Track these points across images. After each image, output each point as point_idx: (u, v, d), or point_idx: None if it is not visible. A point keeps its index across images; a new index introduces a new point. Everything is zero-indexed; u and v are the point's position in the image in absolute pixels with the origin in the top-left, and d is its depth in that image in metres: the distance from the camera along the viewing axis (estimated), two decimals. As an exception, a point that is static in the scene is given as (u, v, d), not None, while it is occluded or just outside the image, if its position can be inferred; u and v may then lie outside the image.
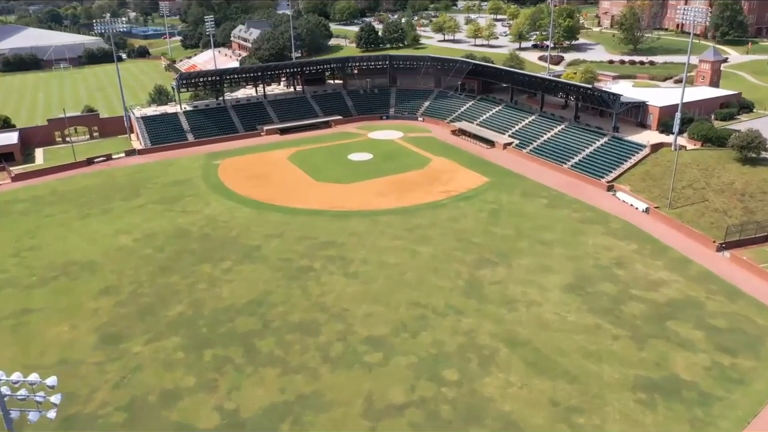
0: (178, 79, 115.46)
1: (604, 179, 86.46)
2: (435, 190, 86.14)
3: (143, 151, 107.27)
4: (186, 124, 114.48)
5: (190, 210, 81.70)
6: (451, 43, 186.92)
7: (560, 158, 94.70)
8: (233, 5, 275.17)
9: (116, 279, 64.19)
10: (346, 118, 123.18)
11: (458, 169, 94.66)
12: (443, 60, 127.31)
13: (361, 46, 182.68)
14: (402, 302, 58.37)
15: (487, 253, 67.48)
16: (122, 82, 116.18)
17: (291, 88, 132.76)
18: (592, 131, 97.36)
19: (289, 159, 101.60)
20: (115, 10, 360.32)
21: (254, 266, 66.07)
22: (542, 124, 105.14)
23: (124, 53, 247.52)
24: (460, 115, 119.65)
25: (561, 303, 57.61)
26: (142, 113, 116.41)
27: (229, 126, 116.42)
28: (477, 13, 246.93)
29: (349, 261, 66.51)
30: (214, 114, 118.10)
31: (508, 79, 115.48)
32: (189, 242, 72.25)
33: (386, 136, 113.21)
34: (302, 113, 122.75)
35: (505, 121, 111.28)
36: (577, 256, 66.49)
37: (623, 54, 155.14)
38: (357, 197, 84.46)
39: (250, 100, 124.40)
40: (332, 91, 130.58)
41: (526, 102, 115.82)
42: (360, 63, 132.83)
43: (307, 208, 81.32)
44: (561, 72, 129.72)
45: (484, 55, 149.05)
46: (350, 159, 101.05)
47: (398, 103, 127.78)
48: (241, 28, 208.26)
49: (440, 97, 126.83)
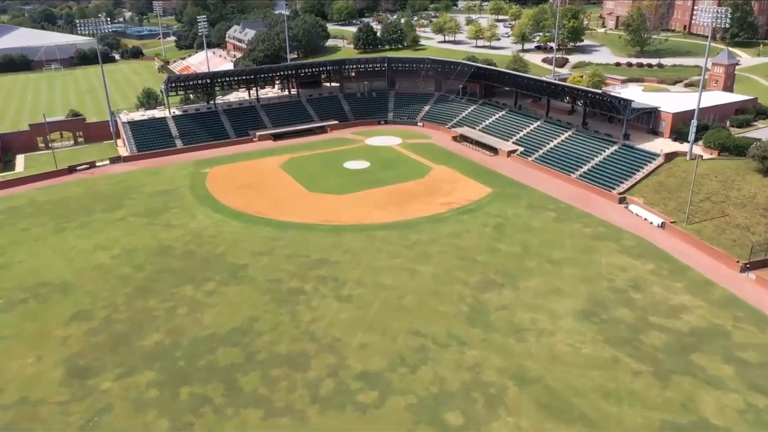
0: (166, 83, 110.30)
1: (615, 191, 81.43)
2: (435, 202, 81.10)
3: (129, 158, 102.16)
4: (175, 130, 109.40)
5: (175, 224, 76.61)
6: (451, 44, 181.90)
7: (568, 167, 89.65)
8: (229, 5, 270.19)
9: (90, 302, 59.13)
10: (343, 123, 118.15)
11: (460, 178, 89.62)
12: (444, 62, 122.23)
13: (359, 48, 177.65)
14: (400, 330, 53.35)
15: (492, 274, 62.45)
16: (114, 84, 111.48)
17: (285, 91, 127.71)
18: (601, 139, 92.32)
19: (282, 167, 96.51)
20: (110, 10, 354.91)
21: (240, 288, 61.02)
22: (548, 131, 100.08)
23: (118, 54, 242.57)
24: (461, 120, 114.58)
25: (574, 332, 52.59)
26: (128, 118, 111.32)
27: (219, 131, 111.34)
28: (478, 14, 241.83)
29: (342, 282, 61.45)
30: (204, 119, 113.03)
31: (512, 82, 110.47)
32: (171, 260, 67.17)
33: (384, 143, 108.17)
34: (297, 118, 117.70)
35: (508, 127, 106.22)
36: (590, 277, 61.47)
37: (630, 56, 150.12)
38: (352, 209, 79.41)
39: (242, 104, 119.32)
40: (328, 94, 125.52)
41: (530, 107, 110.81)
42: (357, 65, 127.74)
43: (300, 221, 76.24)
44: (567, 75, 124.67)
45: (486, 57, 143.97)
46: (346, 167, 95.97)
47: (397, 108, 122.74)
48: (236, 28, 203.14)
49: (440, 101, 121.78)
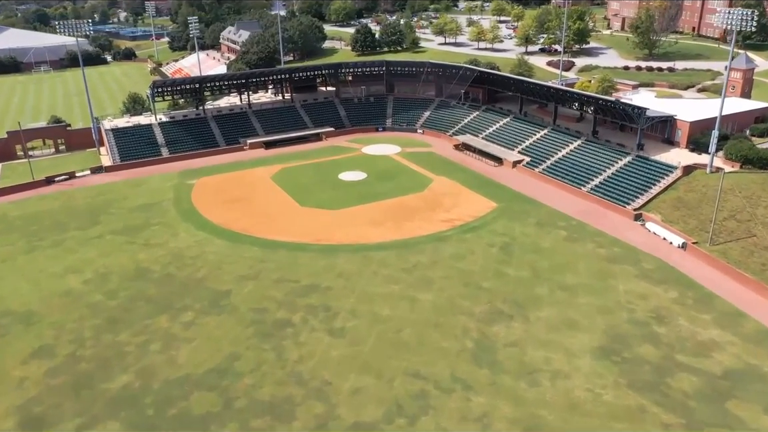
0: (152, 88, 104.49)
1: (630, 206, 75.63)
2: (437, 218, 75.32)
3: (111, 168, 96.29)
4: (161, 137, 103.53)
5: (155, 242, 70.78)
6: (452, 46, 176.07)
7: (578, 180, 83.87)
8: (225, 5, 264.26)
9: (54, 335, 53.36)
10: (339, 130, 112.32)
11: (462, 191, 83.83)
12: (445, 66, 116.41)
13: (357, 50, 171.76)
14: (398, 372, 47.61)
15: (499, 302, 56.69)
16: (104, 87, 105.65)
17: (279, 96, 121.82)
18: (613, 149, 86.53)
19: (273, 178, 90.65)
20: (105, 10, 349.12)
21: (221, 319, 55.23)
22: (556, 140, 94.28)
23: (110, 55, 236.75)
24: (463, 127, 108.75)
25: (593, 374, 46.83)
26: (112, 125, 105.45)
27: (208, 139, 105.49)
28: (479, 15, 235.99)
29: (334, 312, 55.67)
30: (192, 126, 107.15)
31: (517, 88, 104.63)
32: (148, 285, 61.36)
33: (382, 151, 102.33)
34: (290, 125, 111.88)
35: (513, 135, 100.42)
36: (608, 307, 55.70)
37: (638, 59, 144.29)
38: (347, 227, 73.60)
39: (233, 109, 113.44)
40: (324, 99, 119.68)
41: (536, 113, 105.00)
42: (354, 69, 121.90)
43: (290, 240, 70.42)
44: (574, 80, 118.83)
45: (488, 60, 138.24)
46: (341, 179, 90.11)
47: (395, 114, 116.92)
48: (230, 29, 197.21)
49: (441, 106, 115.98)
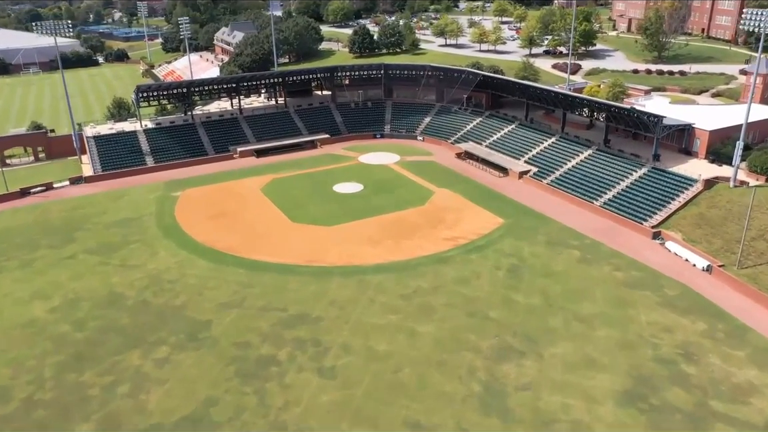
0: (136, 92, 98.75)
1: (647, 223, 69.97)
2: (438, 236, 69.63)
3: (92, 178, 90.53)
4: (146, 145, 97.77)
5: (132, 263, 65.04)
6: (453, 48, 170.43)
7: (589, 193, 78.20)
8: (220, 5, 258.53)
9: (10, 375, 47.66)
10: (335, 137, 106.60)
11: (466, 205, 78.14)
12: (446, 70, 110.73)
13: (355, 51, 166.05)
14: (395, 420, 42.00)
15: (509, 336, 51.02)
16: (93, 90, 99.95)
17: (272, 100, 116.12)
18: (626, 160, 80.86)
19: (263, 190, 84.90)
20: (99, 10, 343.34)
21: (199, 355, 49.53)
22: (565, 149, 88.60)
23: (102, 56, 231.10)
24: (466, 134, 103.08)
25: (618, 425, 41.19)
26: (94, 132, 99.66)
27: (196, 147, 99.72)
28: (480, 15, 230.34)
29: (325, 348, 49.99)
30: (179, 132, 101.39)
31: (524, 93, 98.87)
32: (120, 314, 55.64)
33: (380, 160, 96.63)
34: (283, 131, 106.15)
35: (519, 143, 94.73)
36: (630, 341, 50.04)
37: (647, 62, 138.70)
38: (341, 246, 67.89)
39: (223, 115, 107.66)
40: (319, 104, 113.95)
41: (543, 120, 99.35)
42: (351, 72, 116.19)
43: (279, 261, 64.69)
44: (582, 84, 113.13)
45: (491, 62, 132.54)
46: (336, 191, 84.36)
47: (394, 120, 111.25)
48: (224, 30, 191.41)
49: (443, 112, 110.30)
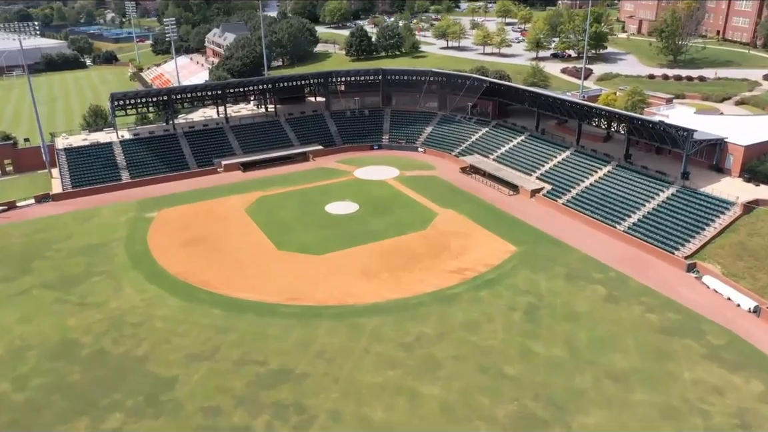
0: (111, 101, 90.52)
1: (679, 252, 61.78)
2: (443, 268, 61.42)
3: (60, 196, 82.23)
4: (121, 158, 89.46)
5: (92, 301, 56.80)
6: (455, 50, 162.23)
7: (611, 216, 70.02)
8: (213, 6, 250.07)
9: (-71, 453, 39.45)
10: (328, 149, 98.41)
11: (473, 229, 69.93)
12: (450, 75, 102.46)
13: (352, 55, 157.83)
14: None
15: (529, 400, 42.81)
16: (77, 94, 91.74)
17: (262, 107, 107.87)
18: (651, 178, 72.67)
19: (248, 211, 76.63)
20: (90, 11, 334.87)
21: (158, 426, 41.26)
22: (581, 164, 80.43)
23: (89, 59, 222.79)
24: (471, 146, 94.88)
25: None
26: (66, 143, 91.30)
27: (177, 160, 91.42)
28: (483, 16, 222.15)
29: (310, 416, 41.76)
30: (159, 144, 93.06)
31: (535, 102, 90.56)
32: (72, 368, 47.42)
33: (377, 175, 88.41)
34: (273, 142, 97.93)
35: (530, 156, 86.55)
36: (674, 408, 41.84)
37: (662, 66, 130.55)
38: (332, 279, 59.67)
39: (207, 125, 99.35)
40: (312, 113, 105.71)
41: (555, 131, 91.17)
42: (347, 77, 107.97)
43: (260, 300, 56.46)
44: (597, 92, 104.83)
45: (497, 67, 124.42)
46: (328, 212, 76.12)
47: (393, 129, 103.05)
48: (215, 31, 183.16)
49: (445, 121, 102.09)
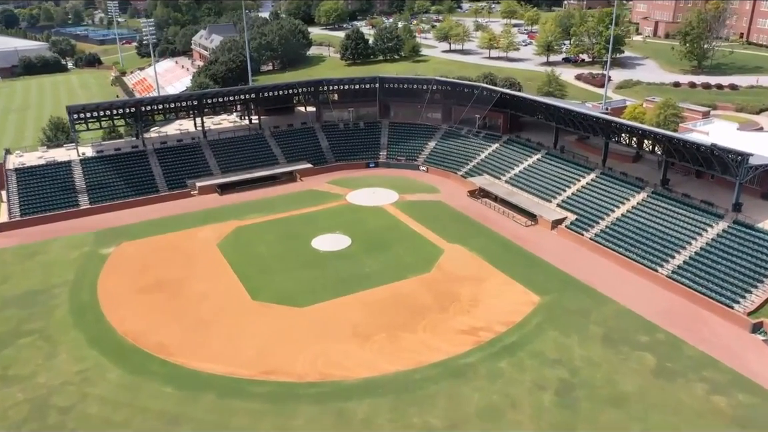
0: (69, 113, 79.35)
1: (739, 307, 50.71)
2: (452, 326, 50.31)
3: (5, 226, 70.93)
4: (81, 180, 78.27)
5: (15, 374, 45.64)
6: (459, 54, 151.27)
7: (650, 256, 58.90)
8: (204, 6, 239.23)
9: None
10: (318, 167, 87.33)
11: (487, 272, 58.81)
12: (456, 84, 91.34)
13: (347, 58, 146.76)
14: None
15: None
16: (53, 101, 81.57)
17: (245, 119, 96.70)
18: (696, 209, 61.55)
19: (221, 246, 65.44)
20: (78, 11, 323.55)
21: None
22: (609, 190, 69.32)
23: (71, 61, 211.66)
24: (480, 164, 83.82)
25: None
26: (19, 162, 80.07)
27: (145, 182, 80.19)
28: (486, 17, 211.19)
29: None
30: (125, 163, 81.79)
31: (554, 116, 79.30)
32: (-32, 479, 36.33)
33: (373, 200, 77.29)
34: (255, 160, 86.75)
35: (549, 179, 75.46)
36: None
37: (685, 72, 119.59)
38: (317, 343, 48.50)
39: (182, 140, 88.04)
40: (301, 125, 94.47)
41: (575, 148, 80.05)
42: (339, 86, 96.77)
43: (225, 372, 45.28)
44: (621, 103, 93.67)
45: (505, 73, 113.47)
46: (315, 248, 64.94)
47: (392, 144, 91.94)
48: (201, 33, 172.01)
49: (450, 135, 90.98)
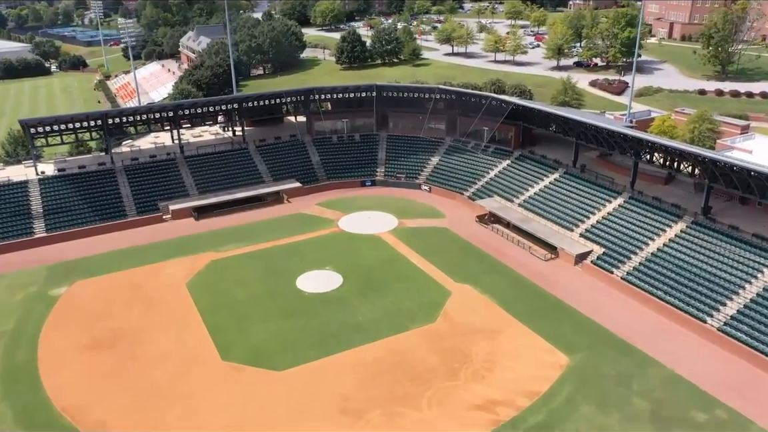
0: (25, 128, 70.12)
1: (814, 374, 41.57)
2: (464, 399, 41.08)
3: (-55, 258, 61.94)
4: (38, 203, 68.96)
5: None
6: (462, 57, 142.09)
7: (695, 302, 49.66)
8: (195, 6, 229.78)
9: None
10: (308, 186, 78.20)
11: (502, 321, 49.59)
12: (462, 94, 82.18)
13: (343, 62, 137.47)
14: None
15: None
16: (31, 106, 73.02)
17: (229, 131, 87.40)
18: (747, 245, 52.36)
19: (191, 285, 56.15)
20: (67, 12, 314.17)
21: None
22: (642, 219, 60.06)
23: (55, 64, 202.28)
24: (489, 184, 74.65)
25: None
26: (-33, 183, 70.95)
27: (111, 205, 70.84)
28: (490, 18, 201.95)
29: None
30: (90, 183, 72.52)
31: (573, 131, 70.11)
32: None
33: (369, 226, 68.07)
34: (238, 178, 77.53)
35: (569, 203, 66.24)
36: None
37: (707, 77, 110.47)
38: (294, 423, 39.23)
39: (155, 156, 78.67)
40: (290, 138, 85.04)
41: (597, 166, 70.81)
42: (332, 94, 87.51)
43: (179, 466, 36.16)
44: (646, 114, 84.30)
45: (513, 78, 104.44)
46: (300, 288, 55.67)
47: (391, 160, 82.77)
48: (189, 35, 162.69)
49: (455, 150, 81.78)
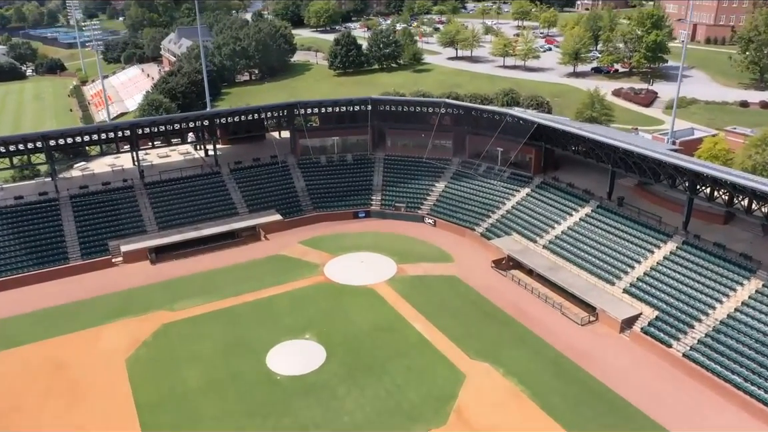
0: (-56, 154, 58.07)
1: None
2: None
3: None
4: (-40, 245, 57.03)
5: None
6: (467, 62, 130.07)
7: (792, 396, 37.70)
8: (183, 6, 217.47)
9: None
10: (291, 219, 65.99)
11: (535, 423, 37.39)
12: (471, 109, 70.08)
13: (337, 67, 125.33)
14: None
15: None
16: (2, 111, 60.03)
17: (201, 149, 75.12)
18: None
19: (131, 364, 43.76)
20: (51, 12, 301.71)
21: None
22: (701, 272, 47.89)
23: (31, 68, 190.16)
24: (505, 218, 62.44)
25: None
26: None
27: (51, 245, 58.54)
28: (495, 18, 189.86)
29: None
30: (27, 218, 60.37)
31: (609, 158, 57.80)
32: None
33: (361, 274, 55.80)
34: (207, 209, 65.31)
35: (607, 247, 54.01)
36: None
37: (745, 86, 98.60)
38: None
39: (110, 182, 66.33)
40: (271, 159, 72.90)
41: (637, 197, 58.70)
42: (320, 109, 75.26)
43: None
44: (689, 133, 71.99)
45: (525, 86, 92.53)
46: (271, 368, 43.30)
47: (389, 186, 70.60)
48: (171, 37, 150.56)
49: (464, 174, 69.61)
